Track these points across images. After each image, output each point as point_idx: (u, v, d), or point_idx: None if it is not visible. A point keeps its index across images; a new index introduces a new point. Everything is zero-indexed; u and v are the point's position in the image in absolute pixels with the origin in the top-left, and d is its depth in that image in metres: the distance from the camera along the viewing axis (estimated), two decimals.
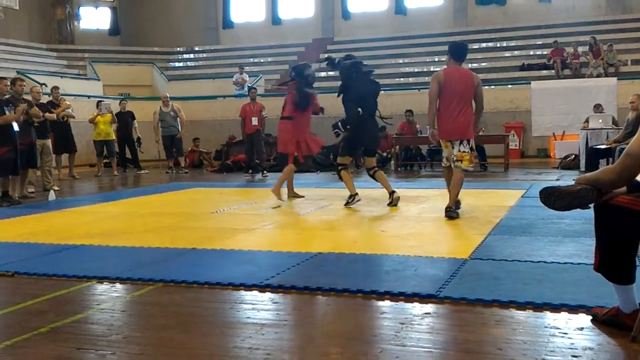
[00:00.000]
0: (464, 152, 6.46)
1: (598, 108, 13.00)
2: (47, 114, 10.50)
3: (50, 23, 25.20)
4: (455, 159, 6.48)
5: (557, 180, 10.04)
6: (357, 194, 7.47)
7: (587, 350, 2.75)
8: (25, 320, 3.39)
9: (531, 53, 19.66)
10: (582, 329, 3.01)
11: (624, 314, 2.94)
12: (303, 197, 8.25)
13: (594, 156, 11.17)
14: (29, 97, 10.30)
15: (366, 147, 7.73)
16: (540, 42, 19.80)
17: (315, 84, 8.51)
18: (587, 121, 12.44)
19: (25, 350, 2.95)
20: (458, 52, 6.59)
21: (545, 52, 18.96)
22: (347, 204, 7.40)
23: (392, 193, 7.34)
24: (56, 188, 10.06)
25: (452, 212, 6.37)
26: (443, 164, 6.78)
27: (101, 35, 25.89)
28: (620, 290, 2.94)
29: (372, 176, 7.53)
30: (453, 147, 6.50)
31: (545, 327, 3.07)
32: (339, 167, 7.72)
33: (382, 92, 8.03)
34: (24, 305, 3.69)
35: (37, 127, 9.71)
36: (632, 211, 2.76)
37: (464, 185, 6.77)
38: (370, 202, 7.86)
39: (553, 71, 17.93)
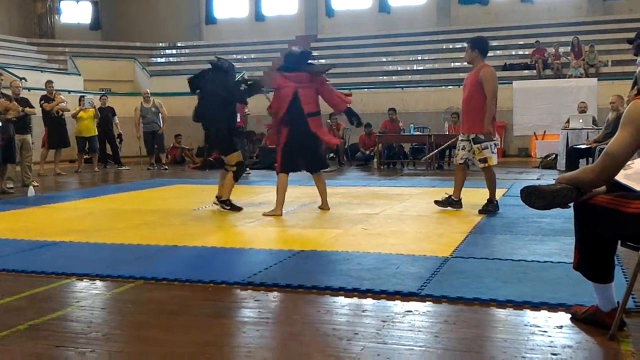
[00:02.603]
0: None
1: (579, 107, 13.11)
2: (27, 109, 10.37)
3: (30, 17, 24.88)
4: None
5: (537, 179, 10.13)
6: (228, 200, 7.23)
7: (566, 348, 2.78)
8: (3, 318, 3.35)
9: (513, 53, 19.79)
10: (561, 327, 3.04)
11: (602, 312, 2.97)
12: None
13: (574, 156, 11.28)
14: (8, 92, 10.18)
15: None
16: (522, 42, 19.95)
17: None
18: (567, 121, 12.56)
19: (3, 347, 2.91)
20: (487, 47, 6.76)
21: (527, 52, 19.11)
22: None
23: (218, 197, 7.23)
24: (36, 184, 9.95)
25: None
26: (495, 162, 6.72)
27: (82, 30, 25.61)
28: (599, 289, 2.97)
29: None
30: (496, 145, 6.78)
31: (525, 325, 3.10)
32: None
33: (366, 90, 7.96)
34: (2, 302, 3.64)
35: (14, 121, 9.59)
36: (611, 210, 2.79)
37: (447, 184, 6.92)
38: (352, 200, 7.87)
39: (534, 71, 18.07)
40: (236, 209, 7.06)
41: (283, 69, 7.03)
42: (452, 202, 6.84)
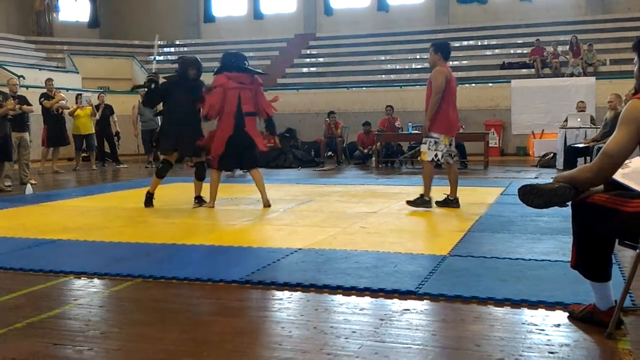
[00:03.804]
0: (454, 148, 7.02)
1: (578, 106, 13.12)
2: (24, 107, 10.36)
3: (28, 14, 24.84)
4: (454, 154, 6.93)
5: (535, 178, 10.14)
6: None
7: (564, 346, 2.78)
8: (0, 316, 3.34)
9: (511, 52, 19.80)
10: (559, 325, 3.04)
11: (600, 311, 2.98)
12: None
13: (571, 154, 11.29)
14: (5, 90, 10.17)
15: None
16: (521, 41, 19.95)
17: (297, 80, 8.36)
18: (566, 120, 12.57)
19: (1, 345, 2.91)
20: (448, 51, 6.91)
21: (525, 51, 19.11)
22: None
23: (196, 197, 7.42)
24: (33, 182, 9.94)
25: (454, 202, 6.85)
26: (427, 158, 6.80)
27: (80, 28, 25.56)
28: (596, 287, 2.97)
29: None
30: (450, 144, 6.84)
31: (523, 323, 3.10)
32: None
33: (364, 88, 8.03)
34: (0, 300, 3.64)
35: (10, 119, 9.58)
36: (608, 209, 2.80)
37: (445, 182, 6.99)
38: (350, 198, 7.88)
39: (533, 70, 18.08)
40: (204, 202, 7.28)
41: (225, 69, 7.07)
42: (448, 202, 6.91)
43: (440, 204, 6.91)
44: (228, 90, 6.93)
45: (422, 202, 6.84)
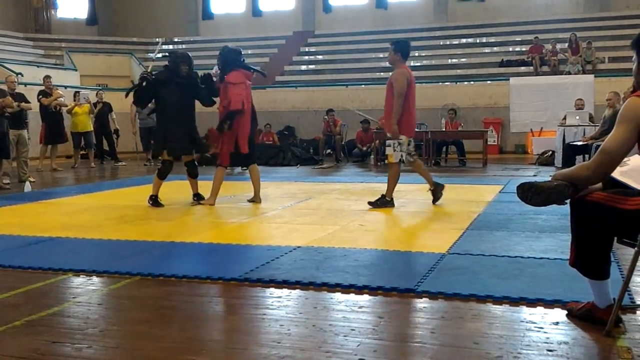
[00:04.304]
0: (412, 147, 6.94)
1: (577, 104, 13.13)
2: (22, 104, 10.34)
3: (26, 11, 24.78)
4: (413, 153, 6.94)
5: (534, 176, 10.14)
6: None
7: (562, 344, 2.79)
8: (0, 313, 3.35)
9: (510, 49, 19.80)
10: (557, 323, 3.05)
11: (598, 308, 2.98)
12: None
13: (570, 152, 11.29)
14: (3, 87, 10.15)
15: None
16: (519, 39, 19.95)
17: (295, 78, 8.30)
18: (564, 118, 12.58)
19: (0, 343, 2.91)
20: (408, 51, 6.96)
21: (524, 49, 19.11)
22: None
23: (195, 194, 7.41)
24: (32, 179, 9.92)
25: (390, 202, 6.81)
26: (395, 159, 6.78)
27: (79, 25, 25.51)
28: (595, 285, 2.98)
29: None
30: (409, 144, 6.84)
31: (522, 321, 3.11)
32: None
33: (363, 86, 8.03)
34: None
35: (7, 117, 9.56)
36: (607, 207, 2.80)
37: (444, 180, 7.02)
38: (349, 196, 7.88)
39: (531, 68, 18.08)
40: (160, 205, 7.16)
41: (234, 65, 7.04)
42: (385, 202, 6.83)
43: (374, 204, 6.82)
44: (247, 88, 7.01)
45: (382, 202, 6.77)
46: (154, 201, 7.22)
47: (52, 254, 4.76)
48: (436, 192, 6.97)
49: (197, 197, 7.38)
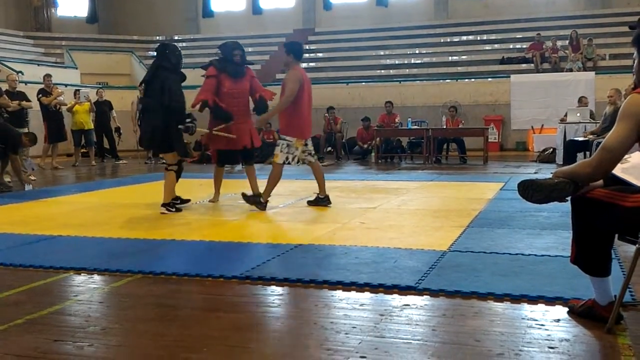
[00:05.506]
0: (310, 148, 6.90)
1: (582, 101, 13.12)
2: (23, 102, 10.34)
3: (26, 10, 24.79)
4: (313, 153, 6.93)
5: (535, 173, 10.14)
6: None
7: (564, 341, 2.79)
8: (1, 312, 3.35)
9: (511, 47, 19.78)
10: (558, 320, 3.05)
11: (599, 306, 2.98)
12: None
13: (571, 149, 11.28)
14: (4, 86, 10.15)
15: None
16: (520, 36, 19.94)
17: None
18: (565, 115, 12.57)
19: (1, 342, 2.91)
20: (301, 52, 6.87)
21: (524, 46, 19.09)
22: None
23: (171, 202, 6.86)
24: (33, 178, 9.93)
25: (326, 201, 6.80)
26: (279, 160, 6.68)
27: (79, 23, 25.51)
28: (596, 282, 2.97)
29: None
30: (306, 145, 6.81)
31: (523, 318, 3.11)
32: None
33: (363, 83, 7.99)
34: (0, 296, 3.65)
35: (6, 117, 9.56)
36: (608, 204, 2.80)
37: (445, 178, 6.93)
38: (350, 194, 7.87)
39: (532, 65, 18.07)
40: (179, 210, 6.69)
41: (245, 62, 7.10)
42: (318, 200, 6.85)
43: (311, 203, 6.89)
44: (239, 82, 7.03)
45: (254, 201, 6.70)
46: (176, 207, 6.71)
47: (53, 253, 4.76)
48: (320, 201, 6.81)
49: (170, 205, 6.72)
